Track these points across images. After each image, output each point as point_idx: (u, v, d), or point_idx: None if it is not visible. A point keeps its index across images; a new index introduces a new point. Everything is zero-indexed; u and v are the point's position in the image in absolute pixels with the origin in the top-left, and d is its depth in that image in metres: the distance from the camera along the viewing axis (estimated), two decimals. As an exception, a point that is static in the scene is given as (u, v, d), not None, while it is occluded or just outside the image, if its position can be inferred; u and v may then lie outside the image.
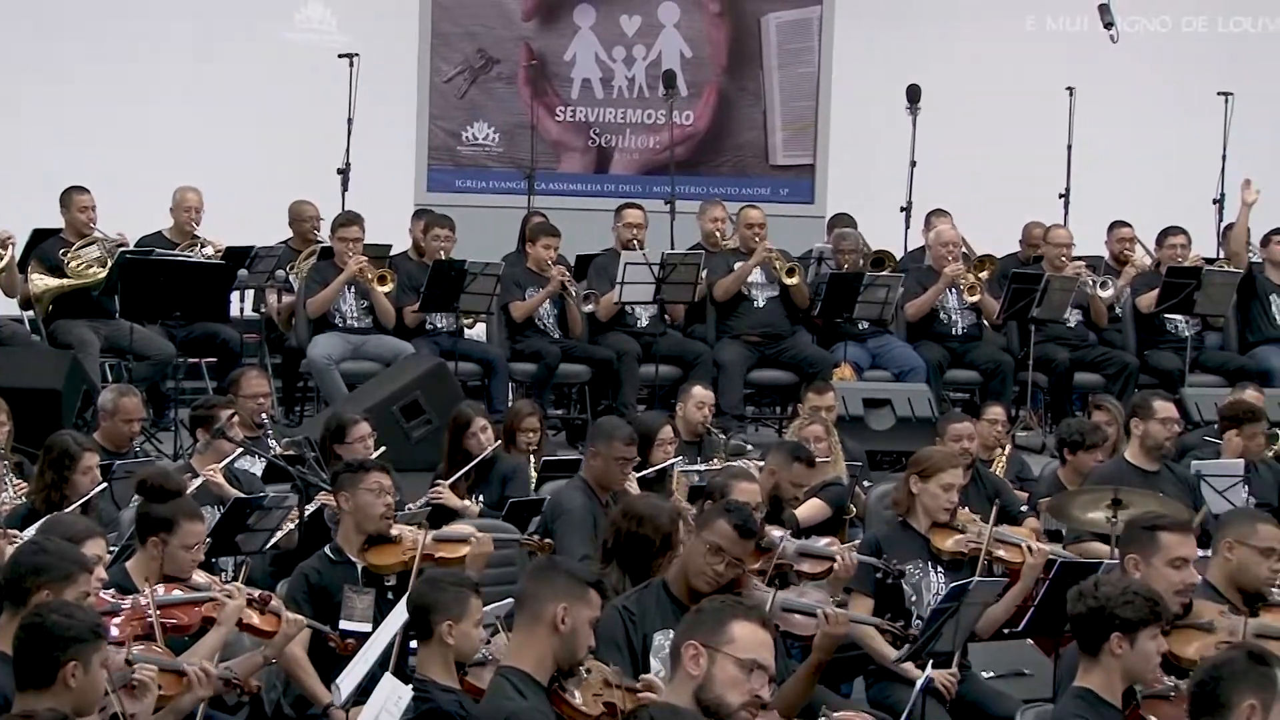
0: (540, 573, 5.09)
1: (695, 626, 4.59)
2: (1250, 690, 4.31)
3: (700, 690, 4.48)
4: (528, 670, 4.85)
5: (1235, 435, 9.14)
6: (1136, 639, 4.91)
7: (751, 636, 4.54)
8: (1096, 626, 4.94)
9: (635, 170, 15.21)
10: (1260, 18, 15.21)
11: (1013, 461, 9.86)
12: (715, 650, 4.51)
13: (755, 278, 11.69)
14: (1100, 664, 4.95)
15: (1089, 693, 4.96)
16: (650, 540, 6.16)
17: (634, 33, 15.13)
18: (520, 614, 4.98)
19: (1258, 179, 12.22)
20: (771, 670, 4.58)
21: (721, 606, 4.64)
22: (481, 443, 8.67)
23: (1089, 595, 5.00)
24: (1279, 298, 12.08)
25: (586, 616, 4.90)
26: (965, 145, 14.33)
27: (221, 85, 13.84)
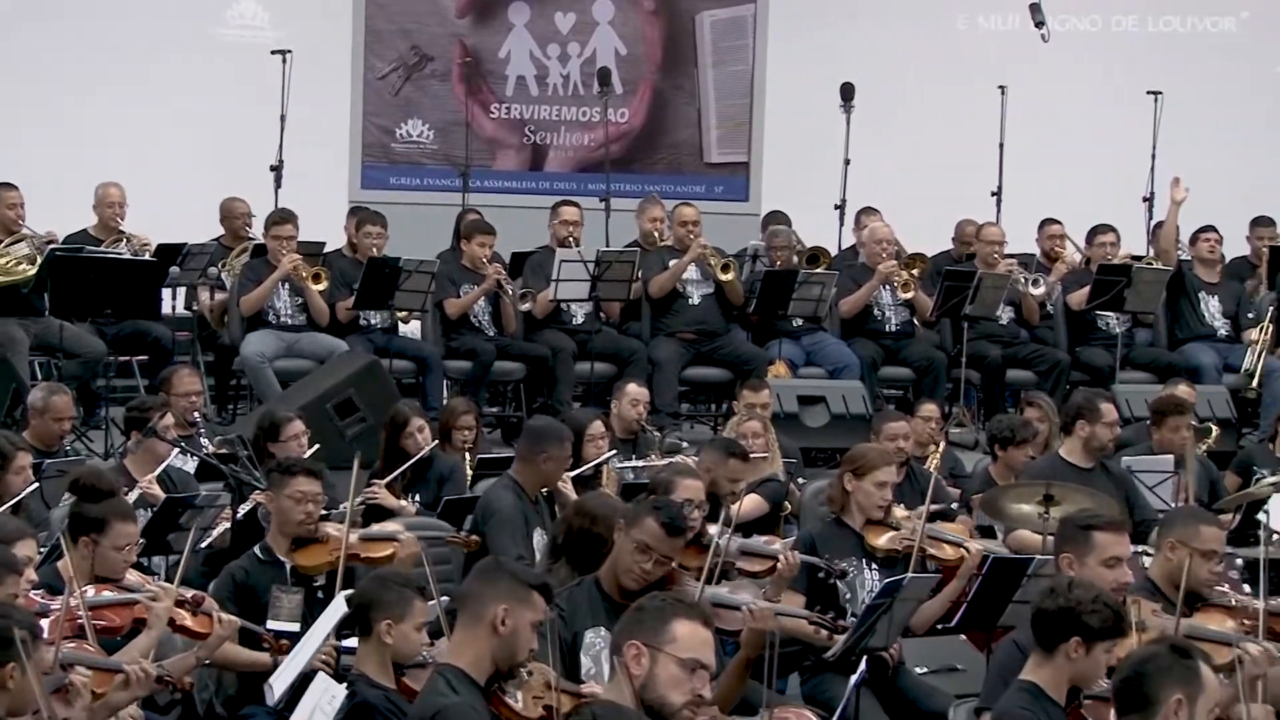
0: (484, 573, 5.07)
1: (636, 626, 4.59)
2: (1176, 685, 4.32)
3: (642, 690, 4.49)
4: (464, 668, 4.82)
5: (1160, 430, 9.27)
6: (1094, 647, 4.93)
7: (693, 635, 4.54)
8: (1060, 626, 4.95)
9: (570, 168, 15.20)
10: (1189, 17, 15.35)
11: (946, 458, 9.93)
12: (657, 650, 4.51)
13: (690, 275, 11.71)
14: (1053, 662, 4.97)
15: (1035, 687, 4.98)
16: (603, 539, 6.15)
17: (569, 30, 15.11)
18: (461, 613, 4.96)
19: (1187, 177, 12.31)
20: (713, 668, 4.59)
21: (663, 605, 4.63)
22: (419, 442, 8.66)
23: (1060, 594, 5.00)
24: (1207, 295, 12.19)
25: (528, 619, 4.86)
26: (898, 143, 14.41)
27: (154, 82, 13.74)
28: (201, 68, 13.89)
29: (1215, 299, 12.19)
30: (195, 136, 13.55)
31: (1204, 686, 4.34)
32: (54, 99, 13.43)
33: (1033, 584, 6.62)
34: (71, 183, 11.93)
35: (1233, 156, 14.36)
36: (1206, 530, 6.04)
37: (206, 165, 13.18)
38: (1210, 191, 12.51)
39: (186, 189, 12.75)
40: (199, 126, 13.60)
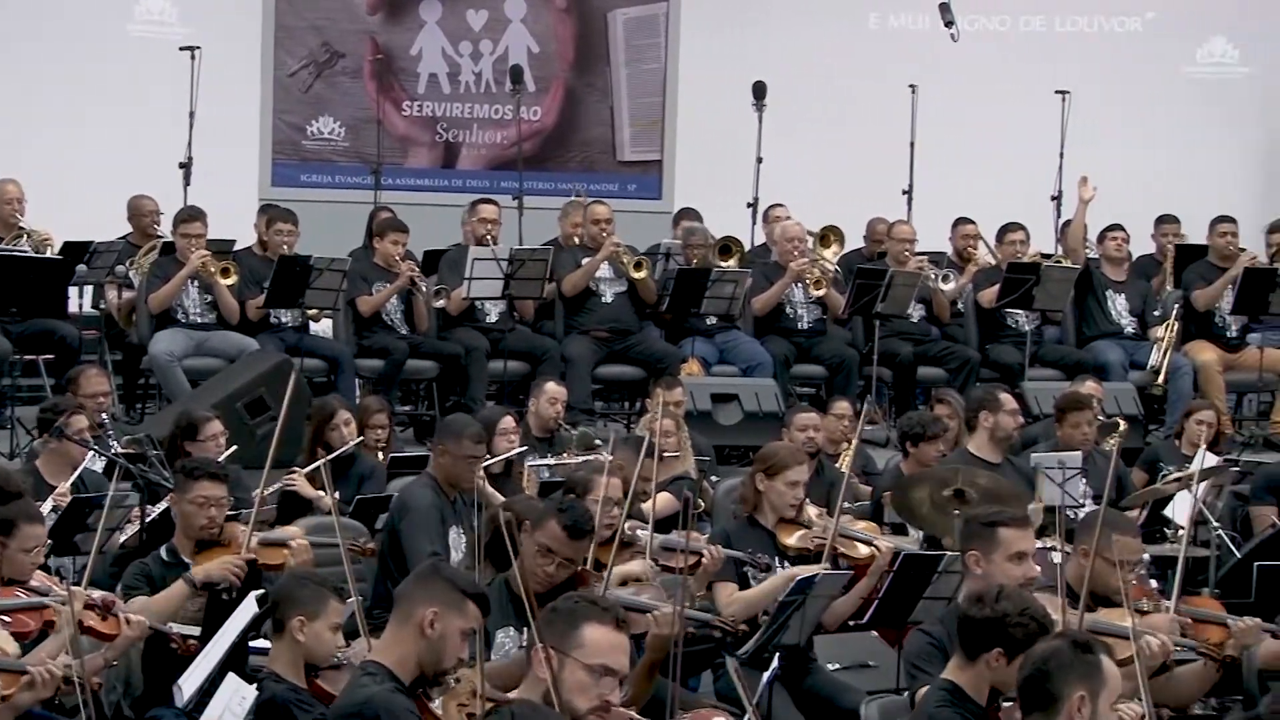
0: (422, 575, 5.03)
1: (547, 628, 4.58)
2: (1078, 680, 4.30)
3: (550, 693, 4.47)
4: (389, 666, 4.80)
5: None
6: (1015, 660, 4.93)
7: (602, 640, 4.52)
8: (984, 636, 4.94)
9: (483, 166, 15.17)
10: (1096, 17, 15.51)
11: (858, 455, 9.97)
12: (564, 655, 4.49)
13: (603, 273, 11.70)
14: (974, 667, 4.96)
15: (957, 689, 4.98)
16: None
17: (481, 28, 15.08)
18: (395, 611, 4.94)
19: (1094, 176, 12.42)
20: (623, 672, 4.56)
21: (574, 608, 4.61)
22: (344, 436, 8.69)
23: (987, 604, 4.97)
24: (1114, 293, 12.32)
25: (458, 626, 4.80)
26: (810, 142, 14.47)
27: (61, 78, 13.57)
28: (109, 64, 13.74)
29: (1122, 297, 12.32)
30: (103, 133, 13.40)
31: (1106, 681, 4.33)
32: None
33: (943, 580, 6.67)
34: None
35: (1139, 155, 14.53)
36: (1121, 540, 6.04)
37: (114, 162, 13.04)
38: (1117, 190, 12.65)
39: (94, 186, 12.60)
40: (107, 123, 13.45)
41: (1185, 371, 11.84)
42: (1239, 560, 8.23)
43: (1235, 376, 12.06)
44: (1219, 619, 6.36)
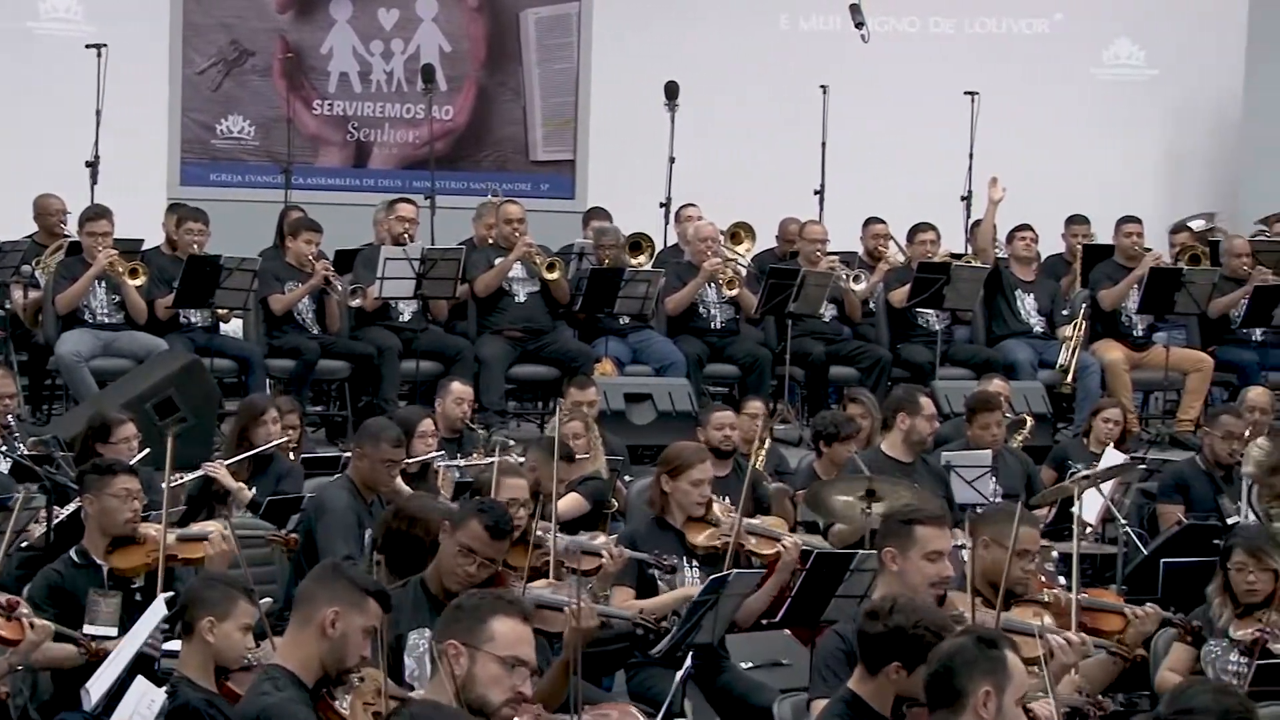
0: (321, 574, 5.01)
1: (454, 625, 4.56)
2: (983, 676, 4.30)
3: (463, 689, 4.46)
4: (292, 669, 4.77)
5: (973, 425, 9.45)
6: (915, 672, 4.95)
7: (511, 632, 4.52)
8: (882, 650, 4.94)
9: (395, 165, 15.10)
10: (1004, 19, 15.63)
11: (771, 455, 10.01)
12: (475, 649, 4.48)
13: (516, 273, 11.68)
14: (876, 681, 4.96)
15: (857, 699, 4.98)
16: (420, 541, 6.12)
17: (392, 26, 15.01)
18: (294, 613, 4.90)
19: (1003, 177, 12.50)
20: (533, 664, 4.57)
21: (480, 603, 4.61)
22: (270, 433, 8.68)
23: (882, 619, 4.97)
24: (1024, 292, 12.42)
25: (360, 624, 4.78)
26: (723, 142, 14.51)
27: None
28: (14, 62, 13.57)
29: (1031, 296, 12.42)
30: (8, 132, 13.24)
31: (1011, 676, 4.33)
32: None
33: (855, 579, 6.70)
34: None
35: (1048, 156, 14.65)
36: (1021, 531, 6.07)
37: (20, 161, 12.89)
38: (1026, 190, 12.74)
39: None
40: (12, 122, 13.29)
41: (1093, 370, 11.96)
42: (1146, 557, 8.33)
43: (1141, 375, 12.19)
44: (1117, 608, 6.45)
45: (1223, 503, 9.38)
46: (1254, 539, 6.63)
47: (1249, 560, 6.47)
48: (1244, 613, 6.46)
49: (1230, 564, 6.53)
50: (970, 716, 4.30)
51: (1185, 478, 9.62)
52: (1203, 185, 15.28)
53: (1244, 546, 6.53)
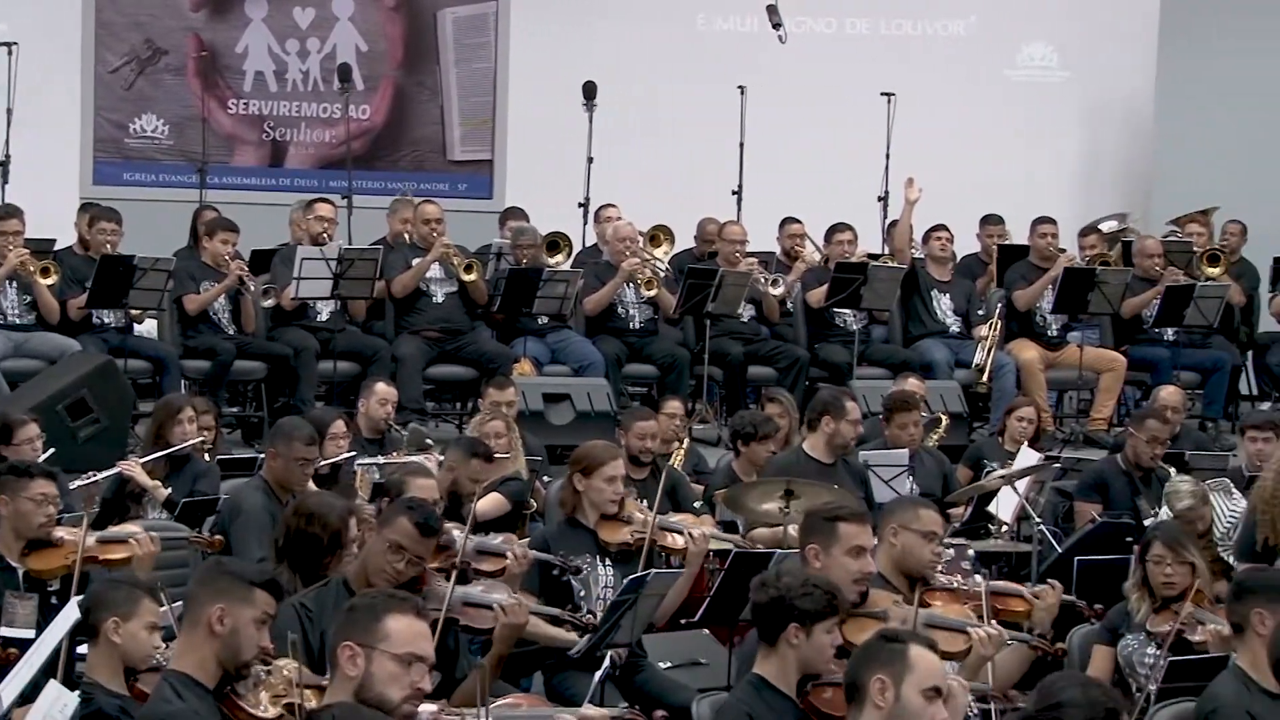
0: (204, 574, 4.97)
1: (349, 625, 4.55)
2: (879, 666, 4.44)
3: (360, 689, 4.45)
4: (189, 673, 4.71)
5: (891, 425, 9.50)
6: (813, 631, 5.01)
7: (407, 629, 4.51)
8: (775, 616, 5.03)
9: (311, 164, 15.03)
10: (920, 20, 15.72)
11: (690, 455, 10.02)
12: (371, 648, 4.48)
13: (434, 273, 11.64)
14: (777, 652, 5.04)
15: (762, 680, 5.06)
16: (319, 538, 6.08)
17: (308, 25, 14.93)
18: (185, 616, 4.86)
19: (919, 177, 12.58)
20: (430, 659, 4.55)
21: (373, 602, 4.61)
22: (186, 432, 8.61)
23: (770, 585, 5.09)
24: (940, 292, 12.50)
25: (249, 617, 4.73)
26: (641, 142, 14.52)
27: None
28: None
29: (947, 296, 12.50)
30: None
31: (911, 667, 4.43)
32: None
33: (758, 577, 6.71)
34: None
35: (964, 156, 14.73)
36: (925, 513, 6.15)
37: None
38: (942, 191, 12.82)
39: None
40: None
41: (1008, 369, 12.05)
42: (1060, 555, 8.40)
43: (1056, 374, 12.30)
44: (1018, 591, 6.52)
45: (1140, 504, 9.46)
46: (1172, 533, 6.70)
47: (1167, 553, 6.54)
48: (1161, 606, 6.53)
49: (1149, 557, 6.59)
50: (870, 708, 4.42)
51: (1105, 477, 9.70)
52: (1115, 186, 15.44)
53: (1163, 540, 6.60)
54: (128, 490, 8.42)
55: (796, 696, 5.05)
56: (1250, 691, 5.34)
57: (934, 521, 6.21)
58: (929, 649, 4.54)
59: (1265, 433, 9.66)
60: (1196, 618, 6.40)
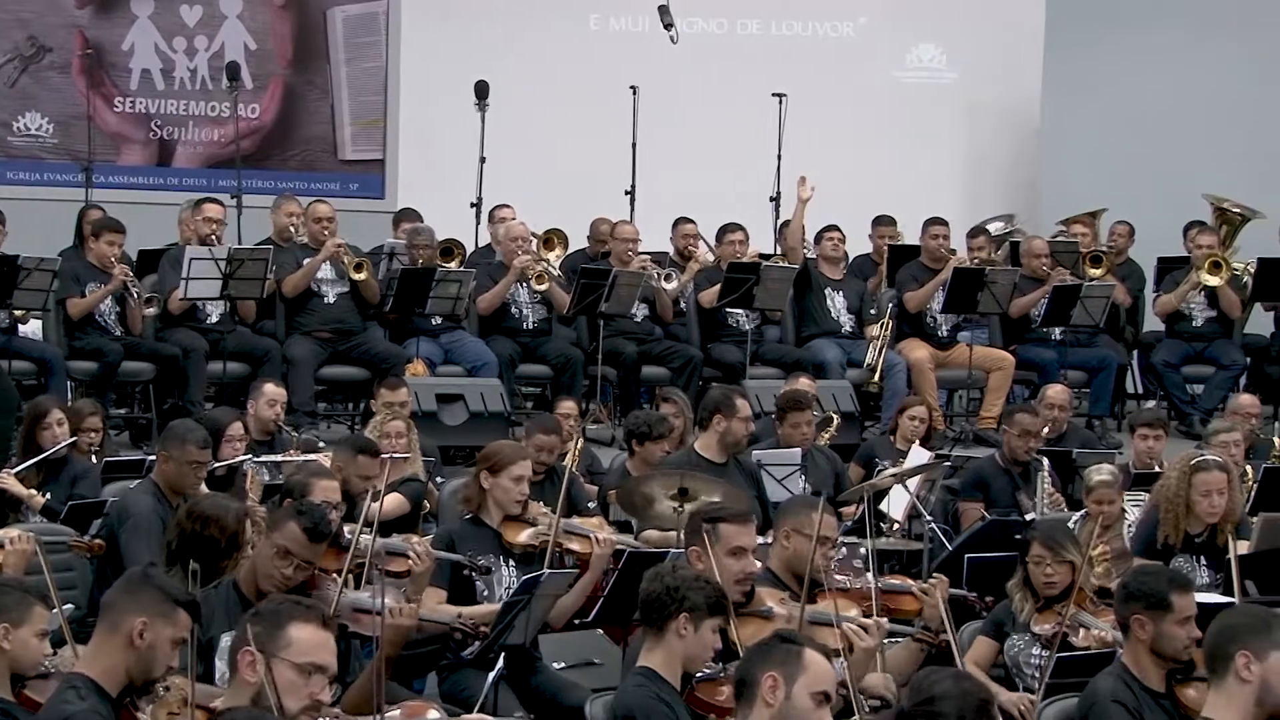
0: (129, 583, 4.89)
1: (251, 630, 4.52)
2: (772, 664, 4.47)
3: (259, 696, 4.41)
4: (95, 678, 4.66)
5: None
6: (700, 625, 5.05)
7: (310, 639, 4.49)
8: (665, 607, 5.08)
9: (200, 163, 14.87)
10: (810, 21, 15.81)
11: (584, 455, 10.01)
12: (272, 656, 4.44)
13: (325, 273, 11.56)
14: (663, 644, 5.10)
15: (650, 670, 5.11)
16: (215, 540, 6.03)
17: (195, 23, 14.78)
18: (100, 621, 4.79)
19: (812, 177, 12.64)
20: (332, 670, 4.52)
21: (278, 609, 4.58)
22: (56, 436, 8.51)
23: (665, 575, 5.14)
24: (832, 292, 12.57)
25: (169, 635, 4.70)
26: (534, 142, 14.49)
27: None
28: None
29: (839, 296, 12.58)
30: None
31: (805, 668, 4.47)
32: None
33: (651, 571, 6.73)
34: None
35: (855, 157, 14.84)
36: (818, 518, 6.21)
37: None
38: (834, 191, 12.90)
39: None
40: None
41: (899, 369, 12.15)
42: (951, 553, 8.48)
43: (946, 373, 12.42)
44: (905, 588, 6.59)
45: (1020, 498, 9.59)
46: (1051, 532, 6.76)
47: (1046, 554, 6.60)
48: (1044, 606, 6.60)
49: (1029, 557, 6.66)
50: (759, 706, 4.45)
51: (984, 475, 9.82)
52: (1002, 187, 15.61)
53: (1041, 540, 6.66)
54: (5, 497, 8.29)
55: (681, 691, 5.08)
56: (1132, 689, 5.41)
57: (828, 526, 6.25)
58: (823, 654, 4.58)
59: (1155, 430, 9.82)
60: (1079, 621, 6.48)
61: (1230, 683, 4.77)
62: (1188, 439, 11.82)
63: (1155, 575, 5.81)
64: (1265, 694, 4.75)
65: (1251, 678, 4.75)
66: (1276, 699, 4.75)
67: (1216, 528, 7.66)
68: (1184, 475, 7.71)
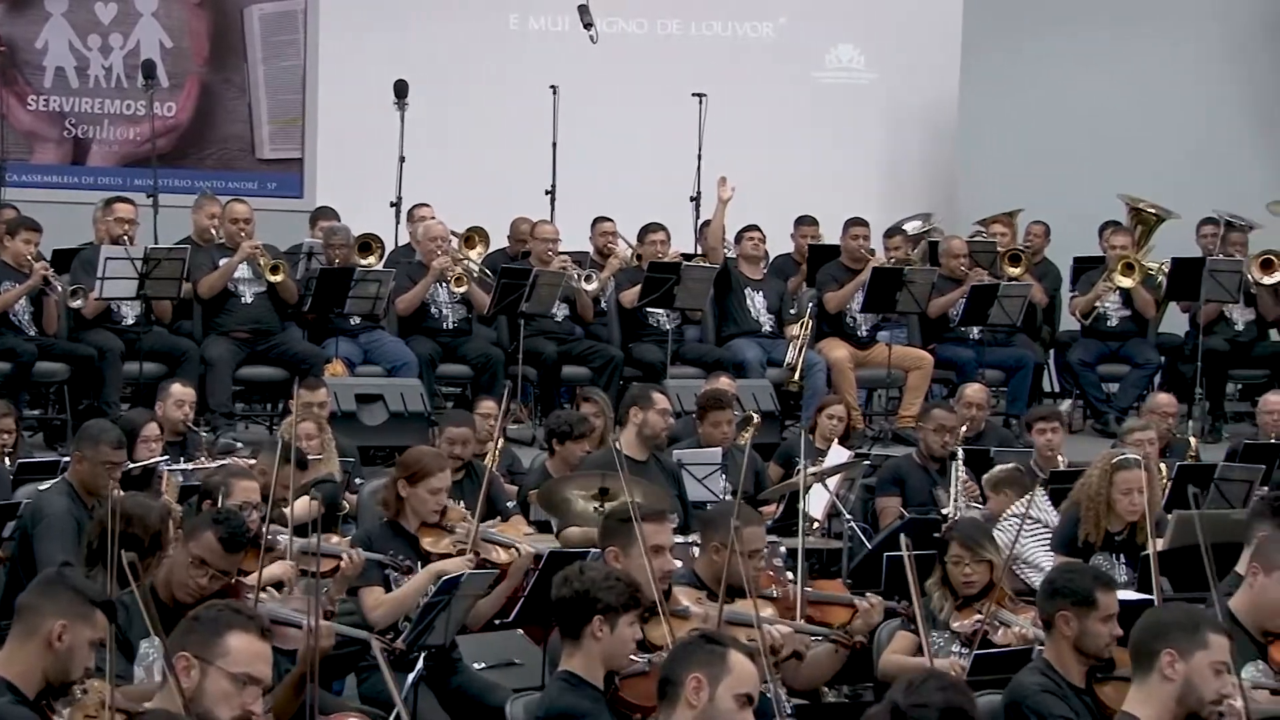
0: (46, 585, 4.84)
1: (189, 636, 4.48)
2: (696, 665, 4.46)
3: (191, 703, 4.37)
4: (11, 679, 4.62)
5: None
6: (616, 624, 5.04)
7: (247, 649, 4.45)
8: (579, 610, 5.07)
9: (115, 162, 14.72)
10: (730, 22, 15.83)
11: (504, 455, 9.99)
12: (208, 663, 4.40)
13: (242, 273, 11.48)
14: (582, 647, 5.08)
15: (571, 675, 5.09)
16: (139, 540, 5.97)
17: (110, 20, 14.63)
18: (16, 623, 4.75)
19: (732, 177, 12.67)
20: (266, 681, 4.49)
21: (218, 616, 4.53)
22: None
23: (574, 579, 5.12)
24: (753, 291, 12.61)
25: (87, 637, 4.67)
26: (454, 141, 14.44)
27: None
28: None
29: (760, 295, 12.62)
30: None
31: (729, 669, 4.46)
32: None
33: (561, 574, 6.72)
34: None
35: (775, 157, 14.87)
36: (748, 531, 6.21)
37: None
38: (754, 191, 12.94)
39: None
40: None
41: (819, 368, 12.20)
42: (870, 551, 8.52)
43: (865, 373, 12.48)
44: (845, 600, 6.62)
45: (937, 494, 9.65)
46: (969, 532, 6.81)
47: (964, 553, 6.65)
48: (963, 604, 6.64)
49: (947, 557, 6.70)
50: (683, 706, 4.44)
51: (902, 471, 9.89)
52: (921, 186, 15.70)
53: (959, 539, 6.71)
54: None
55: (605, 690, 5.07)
56: (1057, 684, 5.46)
57: (756, 539, 6.26)
58: (748, 656, 4.58)
59: (1051, 423, 9.92)
60: (999, 619, 6.53)
61: (1153, 680, 4.83)
62: (1103, 437, 11.95)
63: (1080, 573, 5.87)
64: (1187, 693, 4.81)
65: (1175, 676, 4.81)
66: (1198, 698, 4.80)
67: (1136, 526, 7.73)
68: (1105, 474, 7.79)
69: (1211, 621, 5.06)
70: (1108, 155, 15.12)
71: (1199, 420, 12.63)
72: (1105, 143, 15.33)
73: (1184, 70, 15.78)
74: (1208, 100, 15.82)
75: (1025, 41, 15.76)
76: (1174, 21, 15.82)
